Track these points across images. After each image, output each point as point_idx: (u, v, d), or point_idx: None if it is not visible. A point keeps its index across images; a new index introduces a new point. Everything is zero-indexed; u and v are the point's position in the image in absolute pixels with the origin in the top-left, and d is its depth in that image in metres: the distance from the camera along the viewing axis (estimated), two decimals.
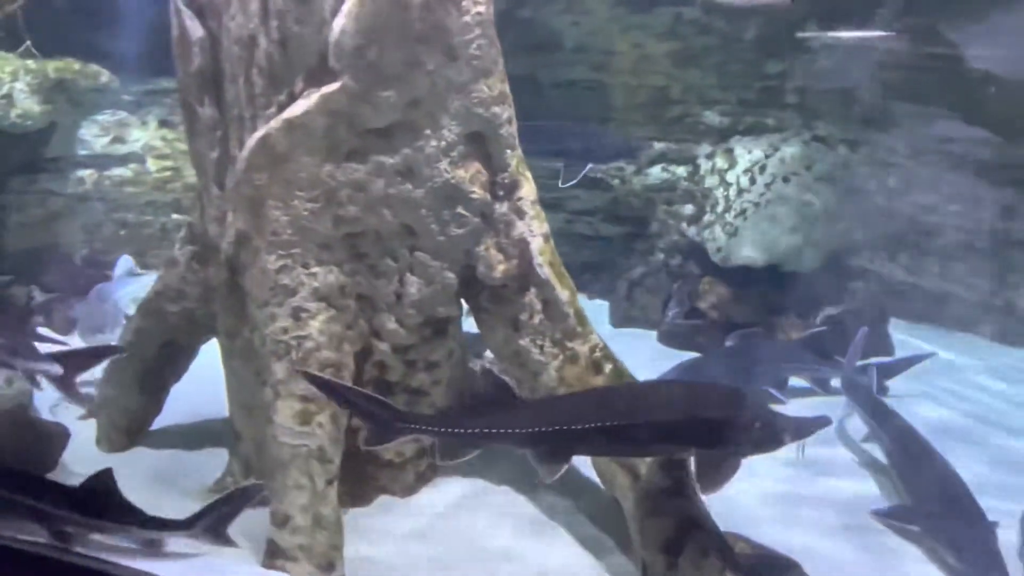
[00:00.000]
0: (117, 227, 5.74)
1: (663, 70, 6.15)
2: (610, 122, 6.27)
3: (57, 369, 2.48)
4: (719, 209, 6.13)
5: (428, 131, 2.93)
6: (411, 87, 2.83)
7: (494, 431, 2.51)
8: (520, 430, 2.49)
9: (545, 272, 3.15)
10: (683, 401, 2.59)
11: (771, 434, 2.52)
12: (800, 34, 5.78)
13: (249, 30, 2.78)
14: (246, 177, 2.86)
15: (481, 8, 2.90)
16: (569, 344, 3.12)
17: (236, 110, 2.95)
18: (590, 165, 5.26)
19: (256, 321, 3.01)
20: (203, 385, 3.73)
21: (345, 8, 2.66)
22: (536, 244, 3.17)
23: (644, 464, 2.86)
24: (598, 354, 3.11)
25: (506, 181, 3.16)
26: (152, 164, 5.69)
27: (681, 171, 6.31)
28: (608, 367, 3.10)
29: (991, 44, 5.23)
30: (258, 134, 2.81)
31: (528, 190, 3.23)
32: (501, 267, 3.14)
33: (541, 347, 3.15)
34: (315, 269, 2.92)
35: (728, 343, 5.49)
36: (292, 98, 2.80)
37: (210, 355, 3.70)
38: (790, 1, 5.56)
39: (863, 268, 6.13)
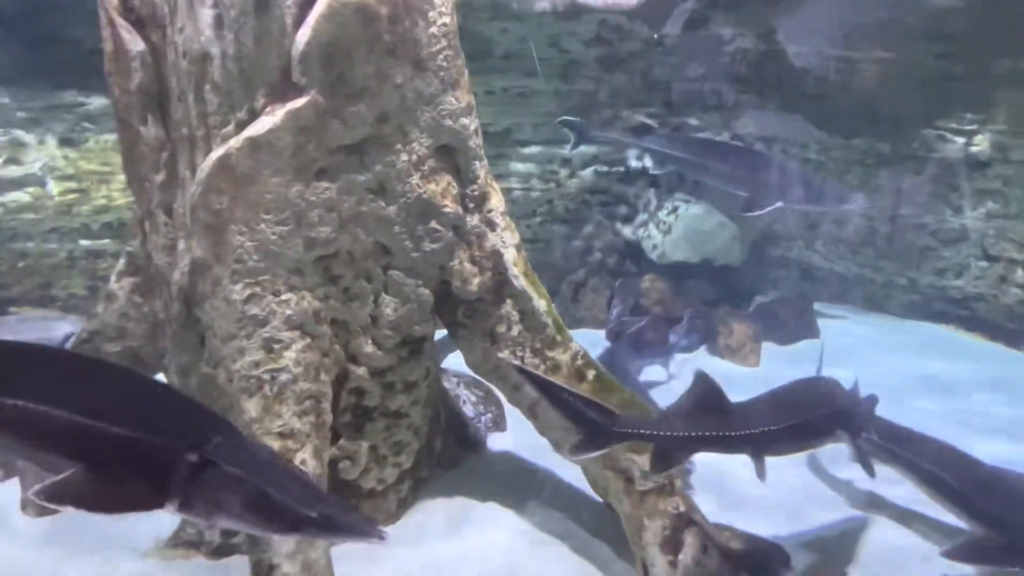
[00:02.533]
0: (15, 259, 5.11)
1: (591, 75, 6.29)
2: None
3: (382, 535, 1.89)
4: (652, 208, 6.37)
5: (399, 146, 2.83)
6: (381, 101, 2.72)
7: (711, 435, 2.51)
8: (734, 433, 2.52)
9: (520, 283, 3.13)
10: (836, 395, 2.79)
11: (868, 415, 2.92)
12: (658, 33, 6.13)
13: (200, 43, 2.56)
14: (203, 201, 2.63)
15: (447, 19, 2.84)
16: (549, 353, 3.12)
17: (185, 129, 2.71)
18: (779, 203, 4.90)
19: (220, 356, 2.79)
20: None
21: (310, 20, 2.51)
22: (509, 255, 3.14)
23: (637, 467, 2.91)
24: (580, 362, 3.13)
25: (476, 193, 3.11)
26: (54, 187, 5.10)
27: (613, 172, 6.50)
28: (591, 373, 3.12)
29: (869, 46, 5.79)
30: (216, 154, 2.59)
31: (497, 201, 3.20)
32: (476, 280, 3.09)
33: (522, 358, 3.12)
34: (286, 296, 2.74)
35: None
36: (252, 115, 2.61)
37: None
38: (635, 4, 5.82)
39: (784, 257, 6.58)
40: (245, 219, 2.65)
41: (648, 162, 6.36)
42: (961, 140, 5.71)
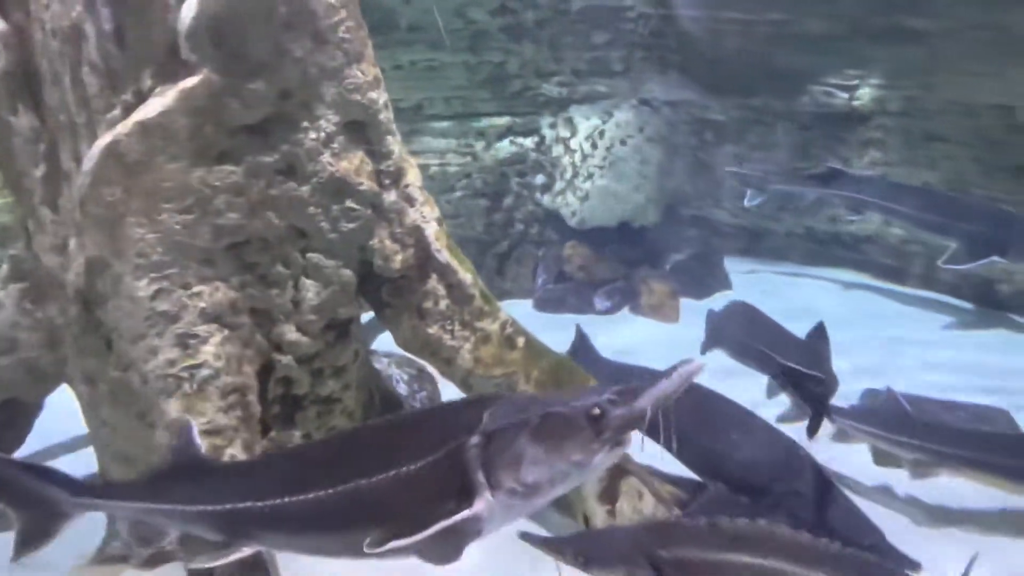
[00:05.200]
0: None
1: (500, 45, 6.25)
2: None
3: None
4: (568, 176, 6.46)
5: (305, 123, 2.72)
6: (281, 77, 2.60)
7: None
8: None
9: (444, 256, 3.12)
10: None
11: None
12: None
13: (71, 20, 2.35)
14: (93, 193, 2.44)
15: None
16: (479, 324, 3.13)
17: (63, 116, 2.49)
18: (995, 257, 4.48)
19: (130, 358, 2.62)
20: (52, 441, 3.19)
21: None
22: (431, 229, 3.12)
23: None
24: (509, 330, 3.17)
25: (391, 169, 3.05)
26: None
27: (528, 143, 6.53)
28: (521, 341, 3.17)
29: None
30: (102, 141, 2.40)
31: (414, 176, 3.15)
32: (399, 257, 3.05)
33: (451, 332, 3.13)
34: (198, 288, 2.60)
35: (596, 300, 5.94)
36: (140, 97, 2.43)
37: (55, 407, 3.17)
38: None
39: (696, 216, 6.87)
40: (143, 210, 2.48)
41: (564, 132, 6.43)
42: (845, 95, 6.12)
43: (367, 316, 3.38)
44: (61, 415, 3.26)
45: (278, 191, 2.72)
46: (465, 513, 1.65)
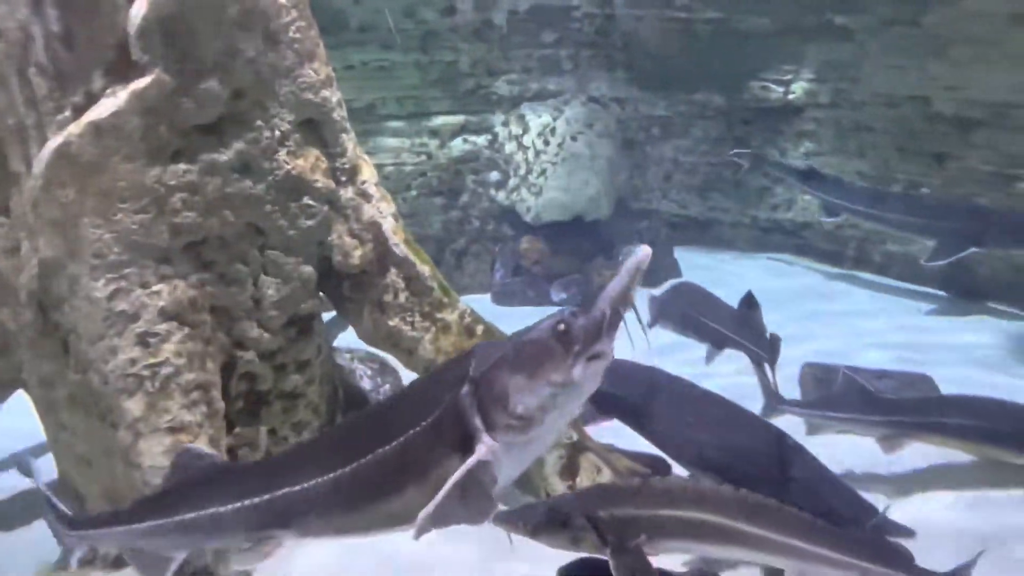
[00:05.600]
0: None
1: (450, 45, 6.34)
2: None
3: None
4: (522, 172, 6.61)
5: (259, 122, 2.77)
6: (233, 76, 2.64)
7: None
8: None
9: (402, 250, 3.21)
10: None
11: None
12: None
13: (17, 22, 2.35)
14: (47, 195, 2.44)
15: None
16: (439, 315, 3.24)
17: (12, 118, 2.48)
18: (973, 249, 4.59)
19: (89, 359, 2.62)
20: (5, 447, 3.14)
21: None
22: (388, 224, 3.20)
23: None
24: (468, 319, 3.28)
25: (347, 166, 3.12)
26: None
27: (482, 140, 6.64)
28: (480, 329, 3.29)
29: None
30: (54, 143, 2.41)
31: (369, 173, 3.23)
32: (358, 252, 3.13)
33: (412, 323, 3.22)
34: (157, 287, 2.63)
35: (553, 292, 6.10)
36: (90, 98, 2.44)
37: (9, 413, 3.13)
38: None
39: (646, 208, 7.11)
40: (99, 210, 2.49)
41: (516, 129, 6.57)
42: (781, 90, 6.46)
43: (328, 315, 3.44)
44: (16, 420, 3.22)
45: (234, 189, 2.76)
46: (470, 461, 1.65)
